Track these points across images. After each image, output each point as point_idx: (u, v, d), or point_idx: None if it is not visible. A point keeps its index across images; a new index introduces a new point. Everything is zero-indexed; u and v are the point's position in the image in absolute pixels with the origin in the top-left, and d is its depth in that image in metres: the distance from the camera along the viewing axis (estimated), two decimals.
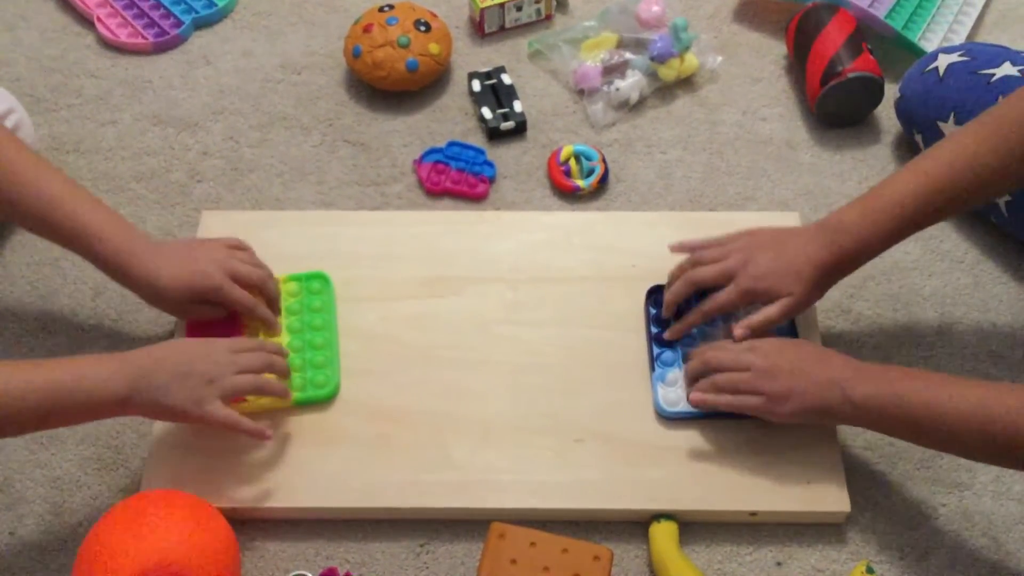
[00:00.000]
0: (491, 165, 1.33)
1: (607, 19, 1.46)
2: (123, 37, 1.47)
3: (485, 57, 1.47)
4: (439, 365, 1.14)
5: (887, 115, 1.37)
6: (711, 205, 1.31)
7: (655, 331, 1.15)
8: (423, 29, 1.39)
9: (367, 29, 1.39)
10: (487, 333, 1.17)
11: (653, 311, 1.16)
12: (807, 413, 1.02)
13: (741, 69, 1.45)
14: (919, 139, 1.30)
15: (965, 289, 1.23)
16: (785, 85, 1.43)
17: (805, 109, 1.40)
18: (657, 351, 1.13)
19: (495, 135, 1.37)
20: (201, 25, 1.50)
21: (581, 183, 1.31)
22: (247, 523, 1.05)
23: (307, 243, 1.23)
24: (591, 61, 1.40)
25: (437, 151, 1.34)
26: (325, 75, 1.44)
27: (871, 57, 1.35)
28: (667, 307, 1.14)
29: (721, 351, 1.07)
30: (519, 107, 1.38)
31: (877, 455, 1.11)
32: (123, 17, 1.49)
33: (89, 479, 1.10)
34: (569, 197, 1.31)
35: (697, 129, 1.38)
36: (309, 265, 1.20)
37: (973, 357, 1.17)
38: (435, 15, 1.43)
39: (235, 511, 1.04)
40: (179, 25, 1.48)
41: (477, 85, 1.40)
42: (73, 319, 1.21)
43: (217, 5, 1.51)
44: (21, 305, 1.22)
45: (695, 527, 1.05)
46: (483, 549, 1.01)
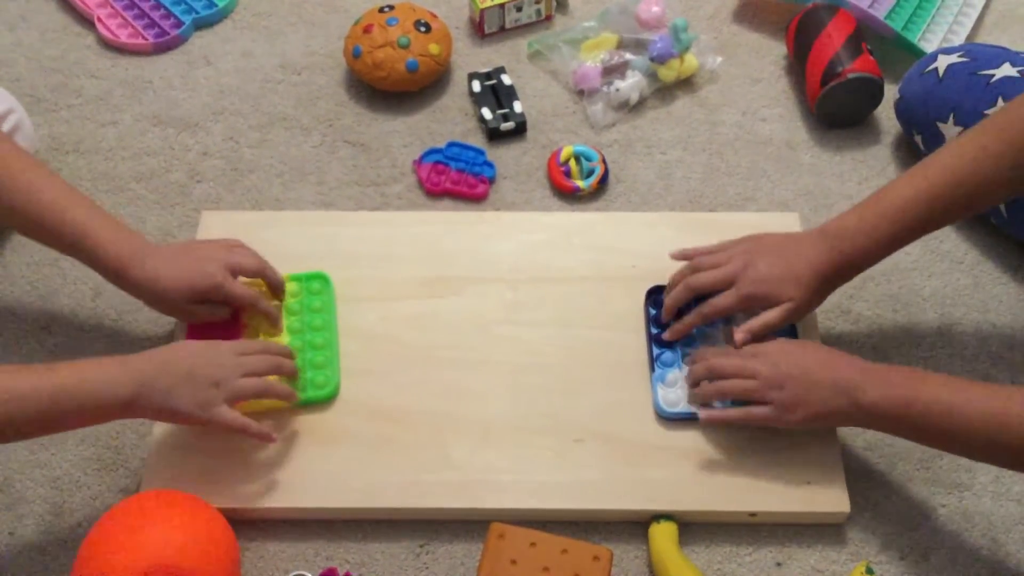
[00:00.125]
0: (491, 166, 1.33)
1: (607, 20, 1.46)
2: (123, 37, 1.47)
3: (485, 58, 1.47)
4: (439, 365, 1.14)
5: (887, 116, 1.37)
6: (711, 206, 1.31)
7: (655, 332, 1.15)
8: (423, 30, 1.39)
9: (367, 29, 1.39)
10: (487, 333, 1.17)
11: (653, 312, 1.16)
12: (816, 420, 1.02)
13: (741, 70, 1.45)
14: (919, 140, 1.30)
15: (965, 290, 1.23)
16: (785, 86, 1.43)
17: (805, 110, 1.40)
18: (657, 352, 1.13)
19: (495, 136, 1.37)
20: (201, 25, 1.50)
21: (581, 183, 1.31)
22: (247, 523, 1.05)
23: (307, 243, 1.23)
24: (591, 62, 1.40)
25: (437, 151, 1.34)
26: (325, 75, 1.44)
27: (871, 58, 1.35)
28: (667, 312, 1.13)
29: (726, 358, 1.06)
30: (519, 108, 1.38)
31: (877, 455, 1.11)
32: (123, 17, 1.49)
33: (89, 479, 1.10)
34: (569, 197, 1.31)
35: (697, 130, 1.38)
36: (309, 265, 1.20)
37: (973, 358, 1.17)
38: (435, 16, 1.43)
39: (235, 511, 1.04)
40: (179, 25, 1.48)
41: (477, 86, 1.40)
42: (73, 319, 1.21)
43: (217, 5, 1.51)
44: (21, 305, 1.22)
45: (695, 527, 1.05)
46: (483, 549, 1.01)
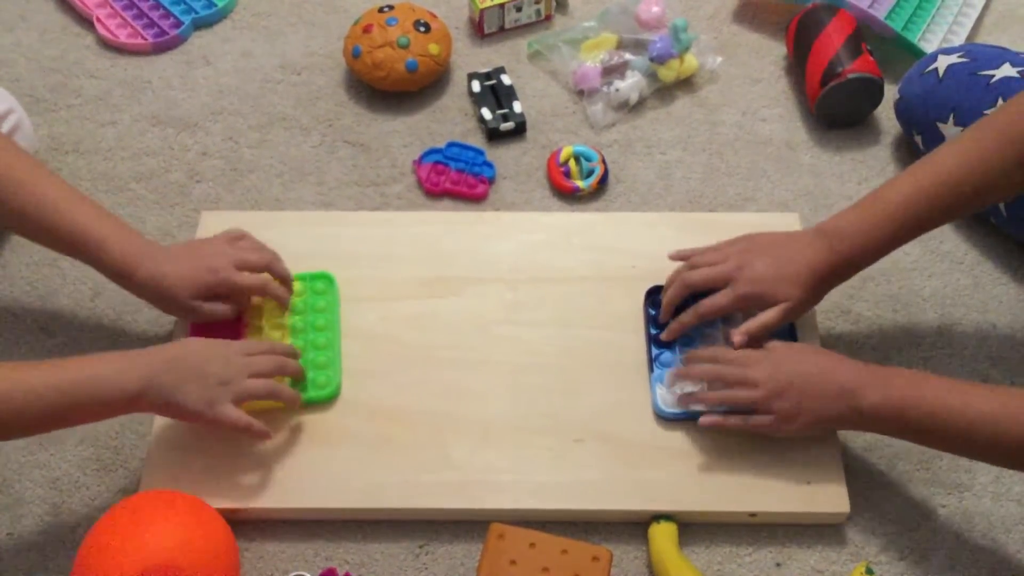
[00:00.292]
0: (491, 166, 1.33)
1: (607, 20, 1.46)
2: (123, 37, 1.47)
3: (485, 58, 1.47)
4: (439, 365, 1.14)
5: (887, 116, 1.37)
6: (711, 206, 1.31)
7: (654, 332, 1.15)
8: (423, 30, 1.38)
9: (367, 29, 1.39)
10: (487, 333, 1.17)
11: (652, 312, 1.16)
12: (816, 426, 1.02)
13: (741, 70, 1.45)
14: (919, 140, 1.30)
15: (965, 290, 1.23)
16: (785, 86, 1.43)
17: (805, 110, 1.40)
18: (656, 352, 1.13)
19: (495, 136, 1.37)
20: (201, 25, 1.50)
21: (581, 184, 1.31)
22: (247, 523, 1.05)
23: (307, 243, 1.22)
24: (591, 62, 1.40)
25: (437, 152, 1.34)
26: (325, 75, 1.44)
27: (871, 58, 1.35)
28: (664, 310, 1.13)
29: (725, 368, 1.06)
30: (519, 108, 1.38)
31: (877, 456, 1.10)
32: (122, 17, 1.49)
33: (88, 479, 1.10)
34: (569, 198, 1.31)
35: (697, 130, 1.38)
36: (308, 265, 1.20)
37: (972, 358, 1.17)
38: (435, 16, 1.43)
39: (235, 511, 1.04)
40: (178, 25, 1.48)
41: (477, 86, 1.40)
42: (72, 319, 1.21)
43: (217, 5, 1.51)
44: (21, 305, 1.22)
45: (694, 528, 1.05)
46: (482, 550, 1.01)
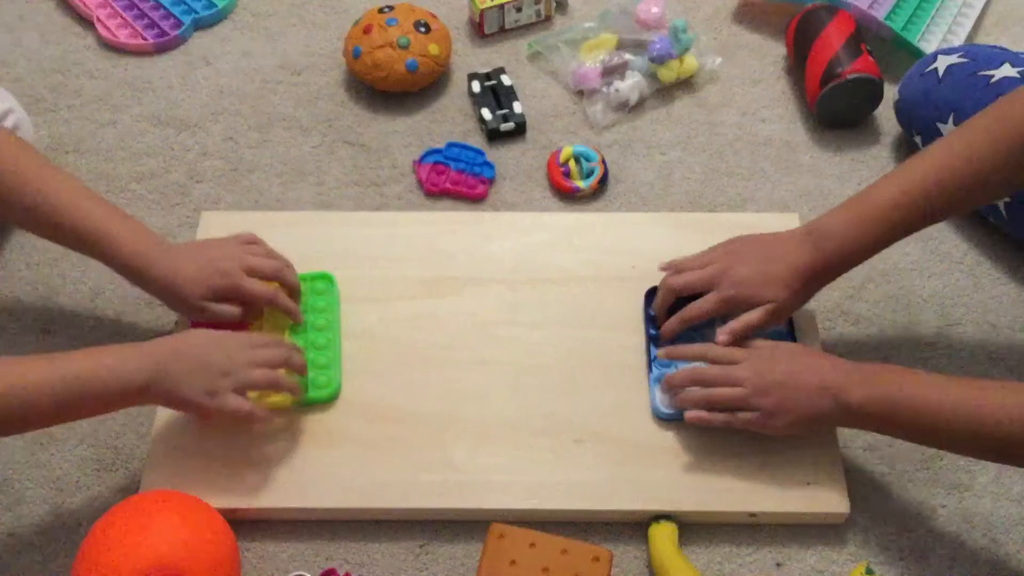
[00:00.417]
0: (491, 166, 1.33)
1: (607, 20, 1.46)
2: (123, 38, 1.47)
3: (485, 58, 1.47)
4: (439, 365, 1.14)
5: (887, 116, 1.37)
6: (711, 206, 1.31)
7: (653, 333, 1.15)
8: (423, 30, 1.39)
9: (367, 30, 1.39)
10: (487, 334, 1.17)
11: (652, 313, 1.16)
12: (801, 423, 1.02)
13: (740, 70, 1.45)
14: (919, 140, 1.30)
15: (964, 290, 1.23)
16: (785, 86, 1.43)
17: (805, 110, 1.40)
18: (655, 353, 1.13)
19: (495, 136, 1.37)
20: (201, 26, 1.50)
21: (581, 184, 1.31)
22: (247, 523, 1.05)
23: (307, 244, 1.22)
24: (591, 62, 1.40)
25: (437, 152, 1.34)
26: (325, 76, 1.44)
27: (870, 58, 1.35)
28: (658, 317, 1.14)
29: (711, 368, 1.06)
30: (519, 108, 1.38)
31: (877, 456, 1.11)
32: (123, 18, 1.49)
33: (89, 479, 1.10)
34: (569, 198, 1.31)
35: (697, 130, 1.39)
36: (308, 266, 1.20)
37: (972, 359, 1.17)
38: (435, 16, 1.43)
39: (235, 511, 1.04)
40: (179, 26, 1.48)
41: (477, 86, 1.40)
42: (73, 319, 1.21)
43: (217, 6, 1.51)
44: (21, 305, 1.22)
45: (694, 528, 1.05)
46: (482, 550, 1.01)
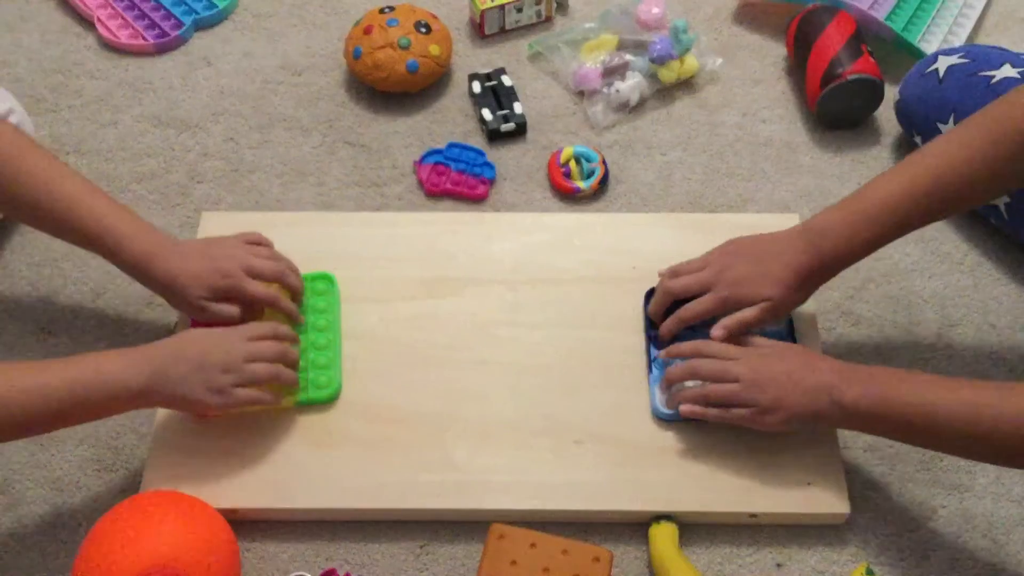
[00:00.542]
0: (491, 166, 1.33)
1: (607, 21, 1.46)
2: (124, 38, 1.47)
3: (485, 59, 1.47)
4: (439, 365, 1.14)
5: (887, 117, 1.37)
6: (711, 207, 1.31)
7: (653, 333, 1.15)
8: (423, 31, 1.39)
9: (367, 30, 1.39)
10: (487, 334, 1.17)
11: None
12: (796, 421, 1.02)
13: (741, 71, 1.45)
14: (919, 141, 1.30)
15: (965, 291, 1.23)
16: (785, 87, 1.43)
17: (805, 111, 1.40)
18: (655, 353, 1.13)
19: (495, 136, 1.37)
20: (202, 26, 1.50)
21: (581, 184, 1.31)
22: (247, 523, 1.05)
23: (307, 244, 1.22)
24: (591, 63, 1.40)
25: (437, 152, 1.34)
26: (325, 76, 1.44)
27: (871, 59, 1.35)
28: (654, 318, 1.14)
29: (707, 362, 1.06)
30: (519, 108, 1.38)
31: (877, 457, 1.11)
32: (124, 18, 1.49)
33: (89, 480, 1.10)
34: (569, 198, 1.31)
35: (697, 131, 1.39)
36: (308, 266, 1.20)
37: (973, 359, 1.17)
38: (435, 17, 1.43)
39: (235, 511, 1.04)
40: (180, 26, 1.48)
41: (477, 87, 1.40)
42: (73, 320, 1.21)
43: (218, 6, 1.51)
44: (21, 305, 1.22)
45: (695, 528, 1.05)
46: (483, 550, 1.01)
